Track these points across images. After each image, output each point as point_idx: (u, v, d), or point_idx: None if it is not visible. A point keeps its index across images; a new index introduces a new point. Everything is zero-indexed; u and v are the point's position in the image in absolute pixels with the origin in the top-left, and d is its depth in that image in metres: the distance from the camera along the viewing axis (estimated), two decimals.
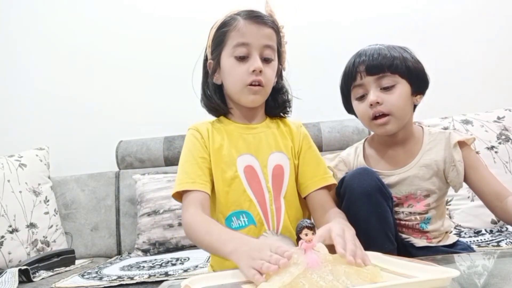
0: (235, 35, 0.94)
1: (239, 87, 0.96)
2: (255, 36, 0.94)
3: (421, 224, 1.01)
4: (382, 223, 0.92)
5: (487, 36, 2.01)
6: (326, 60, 2.00)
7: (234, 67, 0.95)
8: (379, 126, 0.98)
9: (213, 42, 0.99)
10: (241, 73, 0.94)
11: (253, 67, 0.93)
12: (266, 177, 0.97)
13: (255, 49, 0.94)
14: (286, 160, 1.00)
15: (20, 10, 2.18)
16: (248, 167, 0.97)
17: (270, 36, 0.96)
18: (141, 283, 1.24)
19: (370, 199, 0.91)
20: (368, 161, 1.06)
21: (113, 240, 1.89)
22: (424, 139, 1.03)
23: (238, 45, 0.94)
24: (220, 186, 0.96)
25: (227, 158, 0.97)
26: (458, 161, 0.98)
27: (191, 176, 0.93)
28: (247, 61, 0.94)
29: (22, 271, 1.38)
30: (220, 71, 0.99)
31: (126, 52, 2.13)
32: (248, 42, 0.94)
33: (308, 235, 0.64)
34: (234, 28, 0.95)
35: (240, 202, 0.95)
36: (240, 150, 0.98)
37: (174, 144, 1.97)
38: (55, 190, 1.92)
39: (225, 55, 0.97)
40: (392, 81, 0.96)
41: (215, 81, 1.01)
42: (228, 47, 0.96)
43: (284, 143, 1.02)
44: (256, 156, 0.98)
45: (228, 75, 0.97)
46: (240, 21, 0.95)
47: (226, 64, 0.97)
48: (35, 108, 2.13)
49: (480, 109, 1.73)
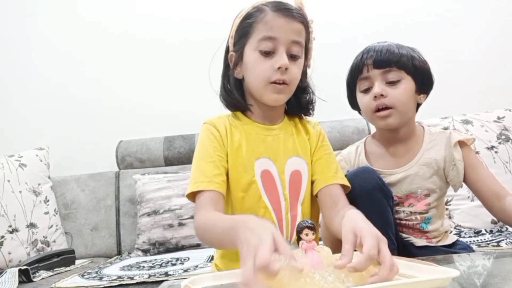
0: (262, 28, 0.87)
1: (262, 84, 0.89)
2: (284, 31, 0.87)
3: (422, 224, 1.02)
4: (383, 222, 0.92)
5: (487, 36, 2.01)
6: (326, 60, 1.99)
7: (258, 62, 0.88)
8: (381, 119, 0.99)
9: (237, 33, 0.92)
10: (265, 69, 0.87)
11: (278, 64, 0.86)
12: (283, 184, 0.92)
13: (282, 44, 0.87)
14: (304, 165, 0.95)
15: (20, 10, 2.18)
16: (265, 171, 0.91)
17: (299, 31, 0.89)
18: (141, 283, 1.24)
19: (370, 198, 0.91)
20: (369, 160, 1.07)
21: (113, 240, 1.89)
22: (424, 138, 1.04)
23: (265, 39, 0.87)
24: (235, 191, 0.90)
25: (245, 160, 0.91)
26: (458, 160, 0.99)
27: (207, 174, 0.86)
28: (273, 57, 0.87)
29: (22, 271, 1.38)
30: (242, 64, 0.92)
31: (126, 52, 2.13)
32: (275, 36, 0.86)
33: (308, 235, 0.64)
34: (261, 20, 0.87)
35: (255, 209, 0.89)
36: (258, 153, 0.92)
37: (174, 144, 1.97)
38: (55, 190, 1.92)
39: (249, 48, 0.90)
40: (397, 76, 0.98)
41: (236, 75, 0.94)
42: (253, 40, 0.88)
43: (302, 145, 0.97)
44: (274, 161, 0.92)
45: (251, 70, 0.90)
46: (268, 13, 0.87)
47: (249, 58, 0.90)
48: (35, 108, 2.13)
49: (480, 109, 1.73)
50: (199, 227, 0.82)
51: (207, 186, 0.85)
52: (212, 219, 0.79)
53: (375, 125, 1.04)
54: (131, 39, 2.14)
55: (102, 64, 2.14)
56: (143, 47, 2.13)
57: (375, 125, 1.05)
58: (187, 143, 1.96)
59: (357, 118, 1.91)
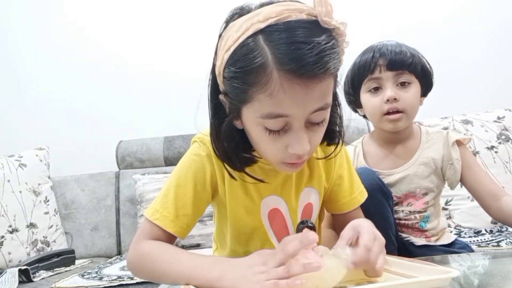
0: (267, 102, 0.58)
1: (274, 163, 0.68)
2: (301, 105, 0.59)
3: (421, 223, 1.02)
4: (383, 223, 0.92)
5: (487, 36, 2.01)
6: None
7: (265, 141, 0.64)
8: (390, 122, 0.98)
9: (227, 82, 0.63)
10: (275, 151, 0.64)
11: (294, 149, 0.62)
12: (295, 224, 0.78)
13: (299, 120, 0.61)
14: (316, 196, 0.80)
15: (21, 10, 2.18)
16: (273, 211, 0.76)
17: (324, 93, 0.60)
18: (141, 283, 1.24)
19: (371, 199, 0.91)
20: (367, 160, 1.07)
21: (113, 240, 1.89)
22: (422, 137, 1.05)
23: (272, 117, 0.60)
24: (238, 233, 0.77)
25: (248, 201, 0.75)
26: (456, 160, 1.00)
27: (177, 211, 0.71)
28: (285, 134, 0.62)
29: (22, 271, 1.38)
30: (242, 123, 0.67)
31: (126, 52, 2.13)
32: (288, 114, 0.59)
33: None
34: (263, 89, 0.57)
35: None
36: (264, 191, 0.75)
37: (174, 144, 1.97)
38: (55, 190, 1.92)
39: (249, 115, 0.63)
40: (408, 80, 0.98)
41: (235, 125, 0.68)
42: (253, 108, 0.61)
43: (317, 173, 0.79)
44: (284, 198, 0.77)
45: (256, 143, 0.68)
46: (273, 77, 0.57)
47: (251, 128, 0.65)
48: (35, 108, 2.13)
49: (480, 109, 1.73)
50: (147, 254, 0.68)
51: (169, 225, 0.70)
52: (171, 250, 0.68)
53: (381, 126, 1.03)
54: (131, 40, 2.13)
55: (102, 64, 2.14)
56: (143, 47, 2.13)
57: (381, 126, 1.03)
58: (187, 143, 1.95)
59: (357, 118, 1.90)
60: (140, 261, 0.70)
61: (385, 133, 1.04)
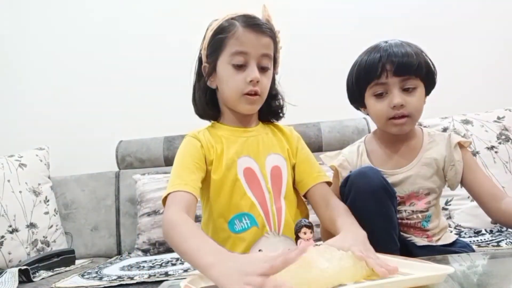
0: (233, 43, 0.94)
1: (236, 96, 0.96)
2: (254, 46, 0.93)
3: (423, 223, 1.03)
4: (387, 223, 0.93)
5: (487, 36, 2.01)
6: (326, 60, 2.01)
7: (231, 75, 0.95)
8: (396, 126, 0.98)
9: (210, 46, 0.98)
10: (238, 82, 0.94)
11: (250, 77, 0.93)
12: (266, 178, 0.98)
13: (253, 58, 0.94)
14: (283, 161, 1.01)
15: (20, 10, 2.18)
16: (247, 169, 0.97)
17: (268, 45, 0.96)
18: (141, 283, 1.24)
19: (375, 198, 0.91)
20: (371, 159, 1.07)
21: (113, 240, 1.89)
22: (424, 138, 1.05)
23: (236, 54, 0.93)
24: (222, 190, 0.95)
25: (228, 161, 0.96)
26: (458, 161, 1.01)
27: (184, 178, 0.90)
28: (244, 70, 0.94)
29: (22, 271, 1.38)
30: (216, 76, 0.99)
31: (126, 52, 2.13)
32: (246, 51, 0.93)
33: (306, 233, 0.65)
34: (233, 36, 0.94)
35: (241, 205, 0.95)
36: (238, 153, 0.98)
37: (174, 144, 1.97)
38: (55, 190, 1.92)
39: (222, 62, 0.96)
40: (414, 84, 0.97)
41: (209, 85, 1.01)
42: (226, 54, 0.95)
43: (280, 145, 1.03)
44: (255, 158, 0.99)
45: (225, 82, 0.97)
46: (238, 29, 0.94)
47: (222, 71, 0.96)
48: (35, 108, 2.13)
49: (480, 109, 1.73)
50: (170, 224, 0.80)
51: (183, 187, 0.87)
52: (187, 226, 0.78)
53: (386, 130, 1.02)
54: (131, 39, 2.14)
55: (102, 64, 2.14)
56: (143, 47, 2.13)
57: (385, 129, 1.02)
58: None
59: (357, 118, 1.92)
60: (165, 229, 0.82)
61: (388, 133, 1.04)
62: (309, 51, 2.03)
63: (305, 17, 2.08)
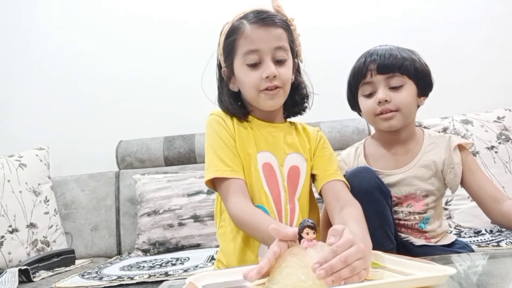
0: (244, 43, 0.92)
1: (255, 94, 0.94)
2: (264, 41, 0.91)
3: (420, 224, 1.03)
4: (382, 221, 0.93)
5: (487, 36, 2.01)
6: (326, 61, 2.00)
7: (247, 75, 0.93)
8: (384, 121, 1.00)
9: (224, 50, 0.97)
10: (254, 80, 0.92)
11: (265, 73, 0.91)
12: (283, 176, 0.96)
13: (266, 53, 0.91)
14: (303, 162, 0.99)
15: (20, 10, 2.18)
16: (266, 164, 0.96)
17: (280, 36, 0.93)
18: (141, 283, 1.24)
19: (369, 197, 0.92)
20: (368, 161, 1.07)
21: (113, 240, 1.89)
22: (424, 140, 1.05)
23: (248, 53, 0.91)
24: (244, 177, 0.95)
25: (250, 150, 0.95)
26: (457, 164, 1.01)
27: (228, 163, 0.91)
28: (260, 67, 0.92)
29: (22, 271, 1.38)
30: (235, 78, 0.97)
31: (126, 52, 2.13)
32: (257, 48, 0.91)
33: (309, 234, 0.65)
34: (242, 35, 0.92)
35: (258, 197, 0.93)
36: (260, 147, 0.97)
37: (174, 144, 1.97)
38: (55, 190, 1.92)
39: (237, 64, 0.95)
40: (400, 81, 0.99)
41: (231, 88, 0.99)
42: (239, 55, 0.93)
43: (302, 144, 1.01)
44: (275, 155, 0.97)
45: (243, 83, 0.95)
46: (246, 27, 0.92)
47: (239, 72, 0.95)
48: (35, 108, 2.13)
49: (480, 109, 1.73)
50: (237, 217, 0.87)
51: (234, 174, 0.90)
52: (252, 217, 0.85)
53: (377, 127, 1.05)
54: (131, 39, 2.13)
55: (102, 64, 2.14)
56: (143, 47, 2.13)
57: (376, 127, 1.05)
58: (187, 143, 1.96)
59: (357, 118, 1.90)
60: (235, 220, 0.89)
61: (385, 134, 1.05)
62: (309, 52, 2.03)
63: (306, 20, 2.08)
